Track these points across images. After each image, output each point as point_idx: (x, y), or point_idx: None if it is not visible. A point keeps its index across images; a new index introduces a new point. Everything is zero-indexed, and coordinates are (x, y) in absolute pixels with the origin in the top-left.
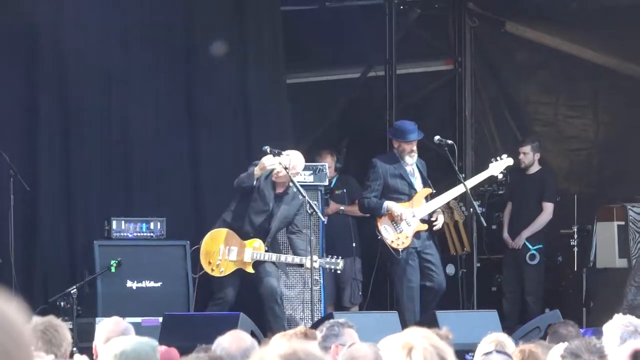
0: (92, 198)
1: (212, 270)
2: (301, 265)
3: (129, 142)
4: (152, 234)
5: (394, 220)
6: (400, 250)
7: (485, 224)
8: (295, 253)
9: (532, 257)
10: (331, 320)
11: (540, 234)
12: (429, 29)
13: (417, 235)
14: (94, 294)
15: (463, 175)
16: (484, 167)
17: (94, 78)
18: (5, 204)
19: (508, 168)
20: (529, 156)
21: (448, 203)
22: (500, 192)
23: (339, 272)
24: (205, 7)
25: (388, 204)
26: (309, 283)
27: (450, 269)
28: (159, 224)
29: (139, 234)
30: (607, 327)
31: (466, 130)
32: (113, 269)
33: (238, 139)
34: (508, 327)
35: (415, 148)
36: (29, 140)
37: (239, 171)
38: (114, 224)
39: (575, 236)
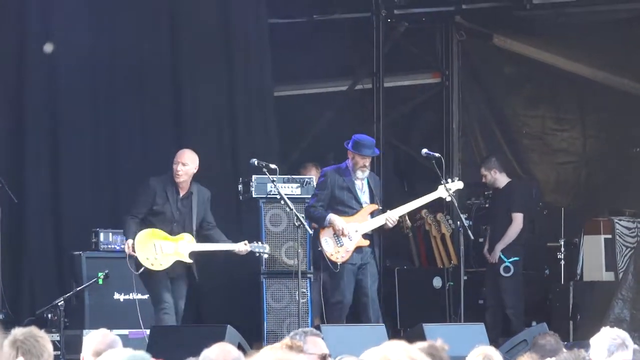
0: (80, 210)
1: (152, 264)
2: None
3: (116, 153)
4: None
5: (336, 234)
6: (338, 263)
7: (472, 237)
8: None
9: (507, 269)
10: (297, 330)
11: (516, 247)
12: (417, 42)
13: (358, 250)
14: (81, 306)
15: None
16: (470, 179)
17: (82, 90)
18: None
19: (458, 191)
20: (488, 176)
21: (435, 216)
22: (487, 205)
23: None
24: (192, 21)
25: (331, 217)
26: (296, 296)
27: (437, 282)
28: None
29: None
30: (594, 340)
31: (453, 143)
32: (100, 281)
33: (225, 152)
34: (491, 340)
35: (368, 164)
36: (16, 151)
37: (225, 184)
38: (101, 236)
39: (562, 249)
